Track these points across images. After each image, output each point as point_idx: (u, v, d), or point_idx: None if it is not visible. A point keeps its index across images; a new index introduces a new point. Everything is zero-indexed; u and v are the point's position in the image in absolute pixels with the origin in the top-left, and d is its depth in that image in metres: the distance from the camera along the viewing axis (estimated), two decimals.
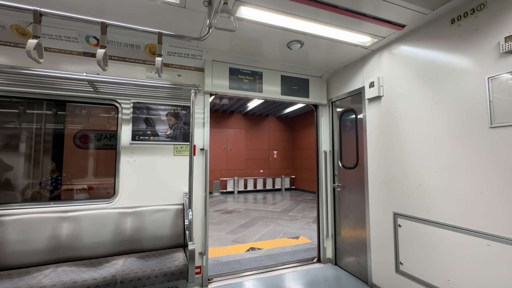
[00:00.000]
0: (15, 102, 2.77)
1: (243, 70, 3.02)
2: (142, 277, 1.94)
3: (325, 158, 3.44)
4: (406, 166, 2.34)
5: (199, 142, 2.85)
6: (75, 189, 3.20)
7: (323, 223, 3.37)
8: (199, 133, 2.86)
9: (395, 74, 2.48)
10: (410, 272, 2.26)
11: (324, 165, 3.43)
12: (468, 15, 1.87)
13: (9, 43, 2.30)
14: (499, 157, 1.68)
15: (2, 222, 2.11)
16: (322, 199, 3.41)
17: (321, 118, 3.49)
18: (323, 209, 3.39)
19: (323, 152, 3.45)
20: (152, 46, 2.57)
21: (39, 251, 2.12)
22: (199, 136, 2.85)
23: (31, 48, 1.42)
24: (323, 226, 3.37)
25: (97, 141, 3.36)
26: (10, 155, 2.86)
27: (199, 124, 2.87)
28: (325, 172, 3.43)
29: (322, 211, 3.39)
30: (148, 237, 2.44)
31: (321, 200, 3.42)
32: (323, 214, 3.38)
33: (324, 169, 3.43)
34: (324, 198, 3.40)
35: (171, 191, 2.71)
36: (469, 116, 1.85)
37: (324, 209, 3.39)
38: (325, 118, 3.50)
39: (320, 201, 3.43)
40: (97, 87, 2.41)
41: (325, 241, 3.36)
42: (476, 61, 1.82)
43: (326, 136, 3.47)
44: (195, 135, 2.77)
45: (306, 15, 2.09)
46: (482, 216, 1.76)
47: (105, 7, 1.99)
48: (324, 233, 3.36)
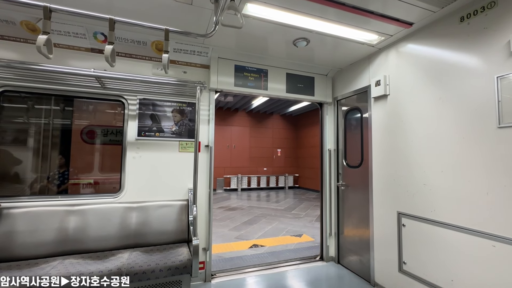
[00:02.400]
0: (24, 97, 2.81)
1: (248, 67, 3.02)
2: (146, 271, 1.97)
3: (329, 156, 3.43)
4: (411, 165, 2.32)
5: (204, 138, 2.87)
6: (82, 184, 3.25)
7: (327, 222, 3.37)
8: (204, 129, 2.87)
9: (402, 73, 2.46)
10: (414, 272, 2.25)
11: (328, 163, 3.43)
12: (478, 13, 1.84)
13: (19, 38, 2.33)
14: (506, 158, 1.66)
15: (11, 214, 2.16)
16: (326, 198, 3.40)
17: (326, 117, 3.48)
18: (327, 208, 3.39)
19: (327, 150, 3.44)
20: (158, 43, 2.59)
21: (47, 243, 2.16)
22: (204, 132, 2.87)
23: (41, 43, 1.44)
24: (327, 225, 3.37)
25: (103, 137, 3.40)
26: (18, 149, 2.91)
27: (204, 121, 2.88)
28: (329, 170, 3.42)
29: (326, 210, 3.39)
30: (153, 232, 2.47)
31: (325, 199, 3.41)
32: (326, 213, 3.38)
33: (328, 167, 3.42)
34: (328, 196, 3.40)
35: (176, 187, 2.73)
36: (477, 116, 1.82)
37: (327, 208, 3.38)
38: (330, 117, 3.49)
39: (324, 199, 3.43)
40: (104, 83, 2.44)
41: (328, 239, 3.36)
42: (485, 60, 1.79)
43: (331, 135, 3.46)
44: (200, 131, 2.79)
45: (312, 12, 2.08)
46: (488, 216, 1.74)
47: (112, 4, 2.01)
48: (327, 232, 3.36)
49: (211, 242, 2.82)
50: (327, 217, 3.37)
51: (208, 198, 2.84)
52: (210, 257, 2.79)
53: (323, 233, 3.40)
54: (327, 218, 3.37)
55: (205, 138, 2.88)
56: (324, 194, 3.43)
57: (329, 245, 3.36)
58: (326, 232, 3.36)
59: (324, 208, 3.41)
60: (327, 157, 3.43)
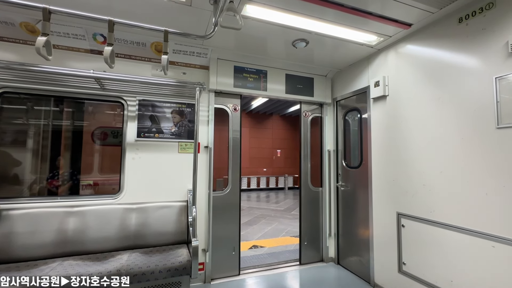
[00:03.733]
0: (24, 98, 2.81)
1: (247, 68, 3.02)
2: (146, 272, 1.97)
3: (328, 157, 3.44)
4: (410, 166, 2.32)
5: (203, 139, 2.87)
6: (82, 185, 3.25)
7: (326, 222, 3.37)
8: (204, 130, 2.87)
9: (401, 74, 2.46)
10: (413, 273, 2.25)
11: (328, 164, 3.43)
12: (476, 14, 1.85)
13: (18, 40, 2.34)
14: (505, 158, 1.66)
15: (11, 215, 2.16)
16: (325, 199, 3.40)
17: (325, 117, 3.48)
18: (326, 208, 3.38)
19: (326, 151, 3.44)
20: (158, 44, 2.59)
21: (46, 245, 2.16)
22: (203, 133, 2.87)
23: (40, 45, 1.44)
24: (326, 225, 3.37)
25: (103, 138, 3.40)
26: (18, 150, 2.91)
27: (204, 121, 2.88)
28: (329, 171, 3.42)
29: (325, 210, 3.39)
30: (152, 233, 2.47)
31: (324, 199, 3.41)
32: (326, 214, 3.38)
33: (328, 168, 3.42)
34: (327, 197, 3.40)
35: (175, 188, 2.73)
36: (476, 117, 1.83)
37: (327, 208, 3.38)
38: (330, 117, 3.49)
39: (323, 200, 3.43)
40: (103, 84, 2.44)
41: (328, 240, 3.36)
42: (483, 60, 1.80)
43: (330, 135, 3.47)
44: (200, 132, 2.79)
45: (311, 14, 2.09)
46: (487, 217, 1.74)
47: (112, 5, 2.02)
48: (327, 232, 3.36)
49: (211, 243, 2.82)
50: (327, 218, 3.37)
51: (207, 199, 2.84)
52: (210, 258, 2.79)
53: (322, 234, 3.39)
54: (326, 219, 3.37)
55: (205, 139, 2.88)
56: (323, 194, 3.42)
57: (328, 246, 3.36)
58: (326, 233, 3.35)
59: (323, 209, 3.41)
60: (326, 158, 3.43)
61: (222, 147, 3.04)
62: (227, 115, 3.05)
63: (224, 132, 3.04)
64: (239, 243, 3.00)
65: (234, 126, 3.07)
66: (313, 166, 3.46)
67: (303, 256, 3.29)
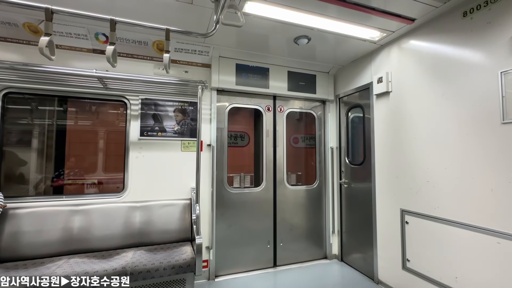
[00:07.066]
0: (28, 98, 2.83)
1: (250, 66, 3.02)
2: (151, 269, 1.99)
3: (331, 154, 3.42)
4: (414, 162, 2.31)
5: (206, 138, 2.88)
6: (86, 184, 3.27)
7: (329, 219, 3.37)
8: (206, 129, 2.88)
9: (404, 69, 2.44)
10: (417, 269, 2.25)
11: (331, 161, 3.42)
12: (481, 8, 1.82)
13: (22, 40, 2.35)
14: (510, 154, 1.64)
15: (17, 214, 2.19)
16: (329, 196, 3.40)
17: (328, 114, 3.47)
18: (330, 205, 3.38)
19: (329, 148, 3.43)
20: (159, 43, 2.59)
21: (52, 243, 2.19)
22: (206, 132, 2.87)
23: (43, 45, 1.45)
24: (329, 222, 3.37)
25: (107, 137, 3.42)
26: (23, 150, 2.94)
27: (206, 120, 2.89)
28: (332, 168, 3.41)
29: (329, 207, 3.39)
30: (157, 231, 2.49)
31: (328, 196, 3.41)
32: (329, 211, 3.38)
33: (331, 165, 3.41)
34: (331, 194, 3.39)
35: (179, 186, 2.75)
36: (481, 112, 1.80)
37: (330, 206, 3.38)
38: (332, 114, 3.47)
39: (327, 197, 3.42)
40: (106, 83, 2.45)
41: (331, 237, 3.36)
42: (488, 55, 1.77)
43: (333, 132, 3.45)
44: (202, 131, 2.79)
45: (313, 10, 2.07)
46: (493, 213, 1.73)
47: (113, 4, 2.02)
48: (330, 229, 3.36)
49: (215, 240, 2.83)
50: (330, 215, 3.37)
51: (211, 197, 2.85)
52: (213, 256, 2.81)
53: (326, 231, 3.39)
54: (329, 216, 3.37)
55: (208, 137, 2.89)
56: (326, 192, 3.42)
57: (332, 243, 3.36)
58: (329, 230, 3.35)
59: (327, 206, 3.41)
60: (329, 155, 3.42)
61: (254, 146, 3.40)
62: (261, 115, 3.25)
63: (258, 132, 3.29)
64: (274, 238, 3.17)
65: (267, 125, 3.26)
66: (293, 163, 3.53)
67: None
